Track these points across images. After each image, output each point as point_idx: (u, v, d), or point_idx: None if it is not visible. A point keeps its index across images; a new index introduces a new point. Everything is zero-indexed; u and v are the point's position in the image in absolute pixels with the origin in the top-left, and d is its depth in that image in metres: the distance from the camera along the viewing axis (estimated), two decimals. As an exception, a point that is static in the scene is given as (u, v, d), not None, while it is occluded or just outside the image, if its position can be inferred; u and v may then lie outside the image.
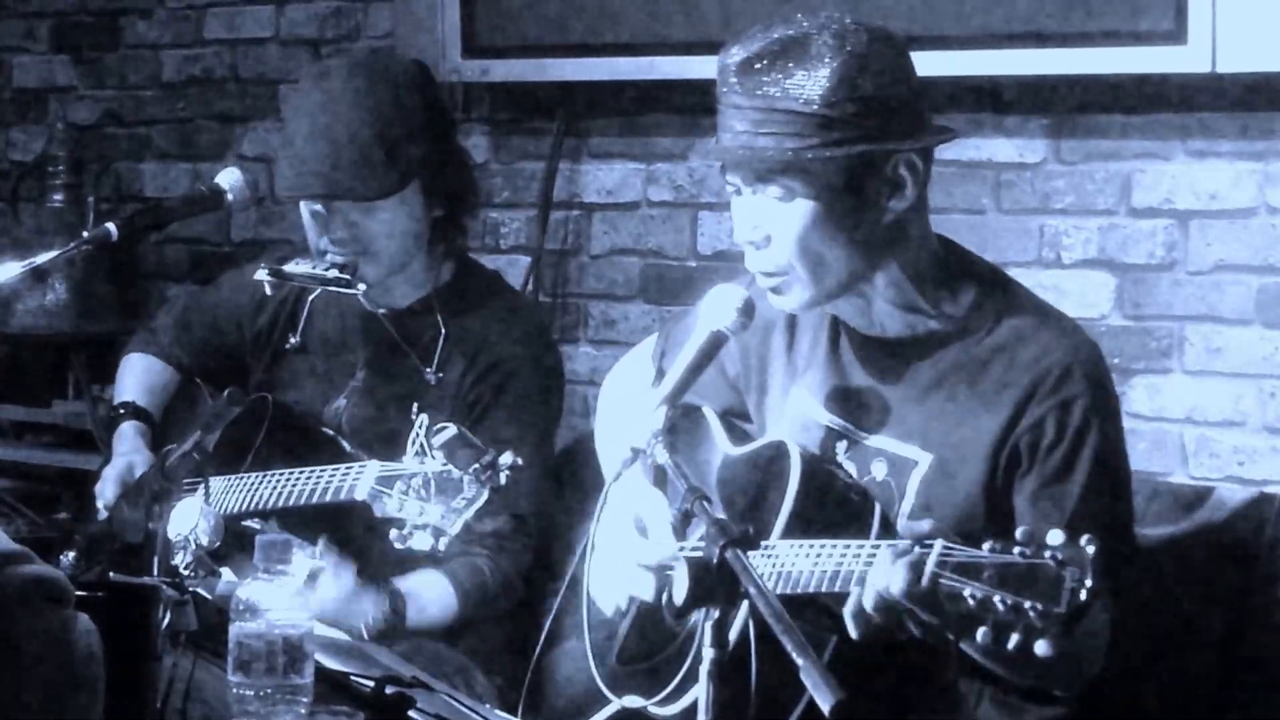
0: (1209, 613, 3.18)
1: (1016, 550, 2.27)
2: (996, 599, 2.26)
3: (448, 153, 3.58)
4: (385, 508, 3.04)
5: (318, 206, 3.49)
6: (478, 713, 2.58)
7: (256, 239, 5.12)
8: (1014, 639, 2.26)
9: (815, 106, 2.68)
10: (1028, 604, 2.24)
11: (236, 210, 3.81)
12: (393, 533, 3.00)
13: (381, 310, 3.62)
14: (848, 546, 2.60)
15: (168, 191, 5.30)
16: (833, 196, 2.72)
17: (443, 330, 3.56)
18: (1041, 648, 2.25)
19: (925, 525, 2.48)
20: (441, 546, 2.98)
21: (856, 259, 2.76)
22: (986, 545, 2.30)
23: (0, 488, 4.67)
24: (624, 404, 3.17)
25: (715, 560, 2.31)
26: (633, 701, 2.87)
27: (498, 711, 2.89)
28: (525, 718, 3.05)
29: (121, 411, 3.80)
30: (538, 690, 3.11)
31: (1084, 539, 2.25)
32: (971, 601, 2.29)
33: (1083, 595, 2.22)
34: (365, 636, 3.25)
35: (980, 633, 2.28)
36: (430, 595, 3.38)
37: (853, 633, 2.52)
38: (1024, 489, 2.73)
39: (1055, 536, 2.25)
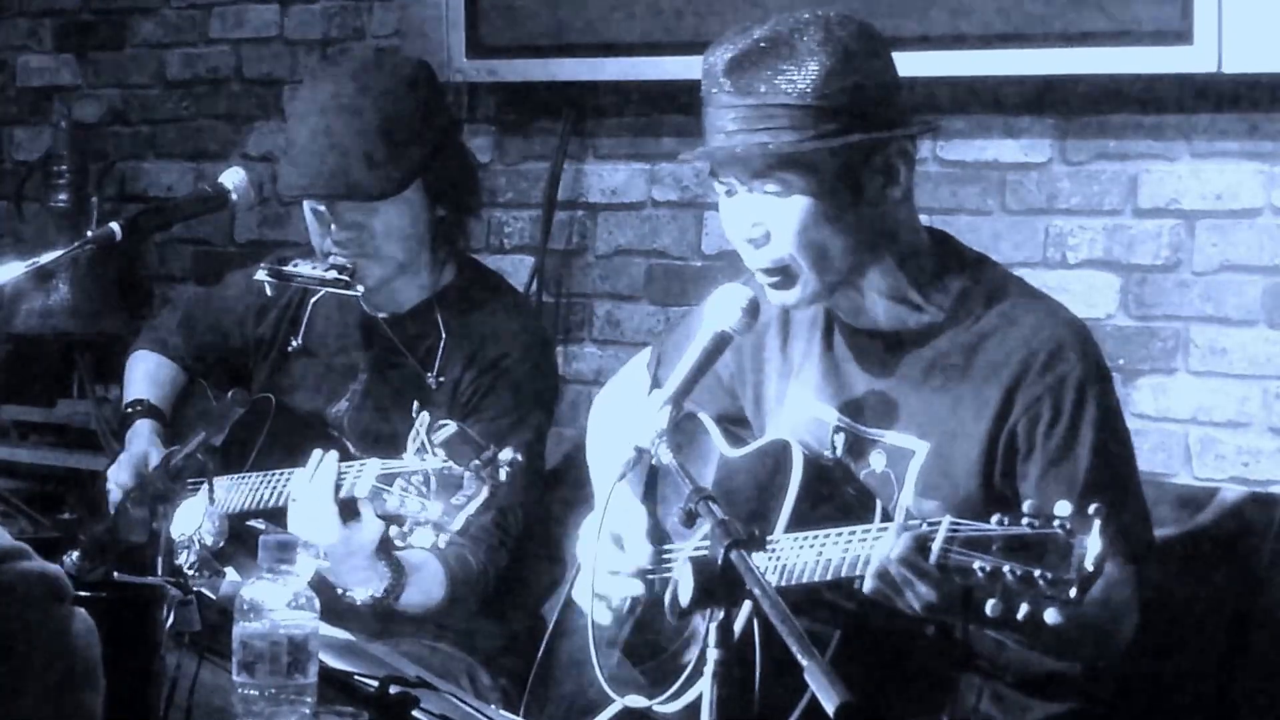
0: (1213, 613, 3.19)
1: (1025, 522, 2.28)
2: (1006, 569, 2.28)
3: (451, 153, 3.58)
4: (386, 505, 3.05)
5: (320, 206, 3.49)
6: (481, 713, 2.58)
7: (260, 239, 5.12)
8: (1024, 608, 2.27)
9: (809, 99, 2.70)
10: (1037, 572, 2.25)
11: (241, 210, 3.81)
12: (393, 530, 3.01)
13: (382, 314, 3.62)
14: (852, 533, 2.60)
15: (172, 191, 5.30)
16: (831, 187, 2.74)
17: (443, 334, 3.55)
18: (1051, 615, 2.26)
19: (933, 505, 2.47)
20: (442, 543, 2.99)
21: (857, 249, 2.78)
22: (994, 518, 2.32)
23: (4, 488, 4.67)
24: (616, 418, 3.17)
25: (720, 561, 2.31)
26: (635, 701, 2.87)
27: (502, 711, 2.89)
28: (528, 718, 3.05)
29: (135, 409, 3.80)
30: (541, 690, 3.11)
31: (1091, 508, 2.25)
32: (981, 574, 2.30)
33: (1090, 562, 2.23)
34: (355, 602, 3.24)
35: (990, 604, 2.29)
36: (425, 576, 3.37)
37: (866, 587, 2.53)
38: (1029, 472, 2.74)
39: (1063, 507, 2.27)
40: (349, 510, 3.21)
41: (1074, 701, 2.86)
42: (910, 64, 2.84)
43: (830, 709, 2.11)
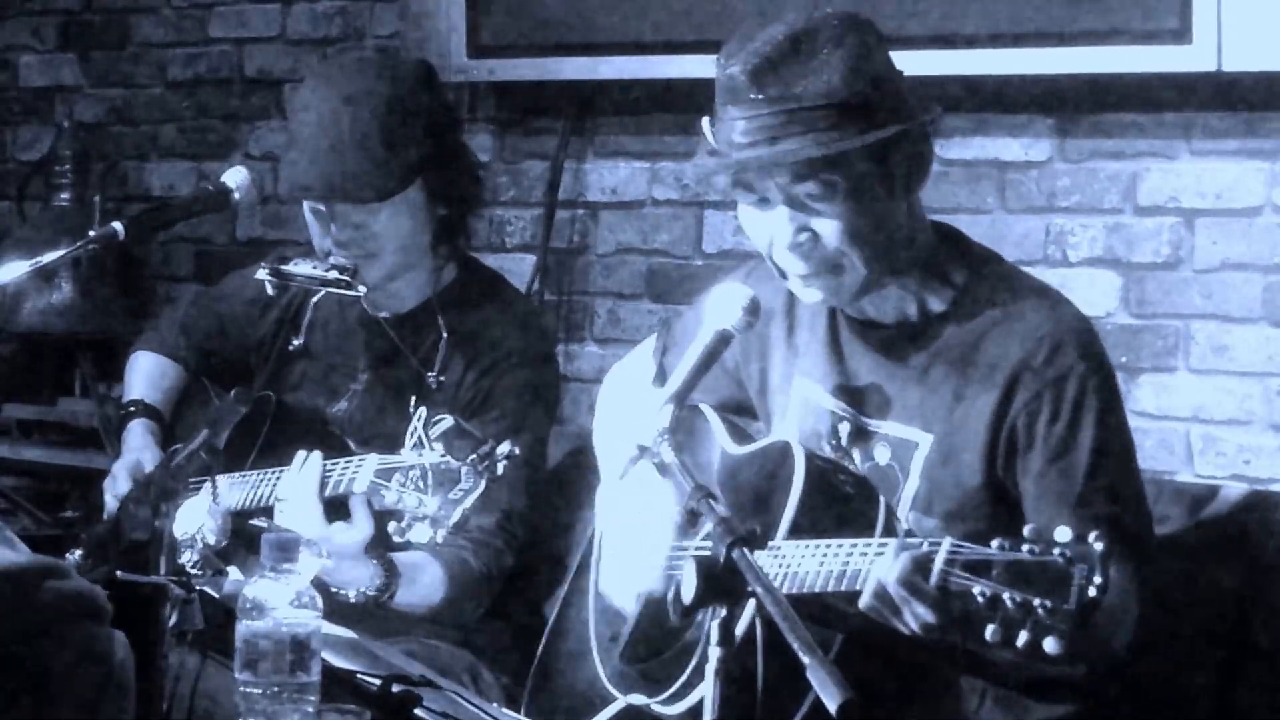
0: (1215, 611, 3.19)
1: (1025, 548, 2.28)
2: (1006, 596, 2.27)
3: (452, 153, 3.58)
4: (384, 500, 3.05)
5: (321, 206, 3.49)
6: (484, 710, 2.58)
7: (262, 239, 5.12)
8: (1023, 636, 2.26)
9: (841, 96, 2.70)
10: (1037, 601, 2.25)
11: (242, 210, 3.81)
12: (391, 525, 3.01)
13: (383, 314, 3.62)
14: (854, 545, 2.60)
15: (174, 191, 5.30)
16: (869, 181, 2.74)
17: (443, 334, 3.55)
18: (1050, 645, 2.26)
19: (933, 523, 2.47)
20: (440, 538, 2.99)
21: (901, 237, 2.79)
22: (995, 543, 2.32)
23: (7, 486, 4.67)
24: (623, 403, 3.18)
25: (722, 559, 2.31)
26: (637, 699, 2.87)
27: (504, 709, 2.90)
28: (529, 715, 3.05)
29: (132, 410, 3.81)
30: (541, 687, 3.12)
31: (1092, 535, 2.25)
32: (980, 599, 2.30)
33: (1091, 592, 2.23)
34: (349, 600, 3.25)
35: (989, 630, 2.28)
36: (422, 576, 3.38)
37: (862, 604, 2.54)
38: (1029, 468, 2.74)
39: (1063, 534, 2.27)
40: (339, 509, 3.22)
41: (1077, 702, 2.86)
42: (911, 62, 2.85)
43: (832, 707, 2.11)
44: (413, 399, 3.51)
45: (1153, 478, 3.49)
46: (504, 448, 2.94)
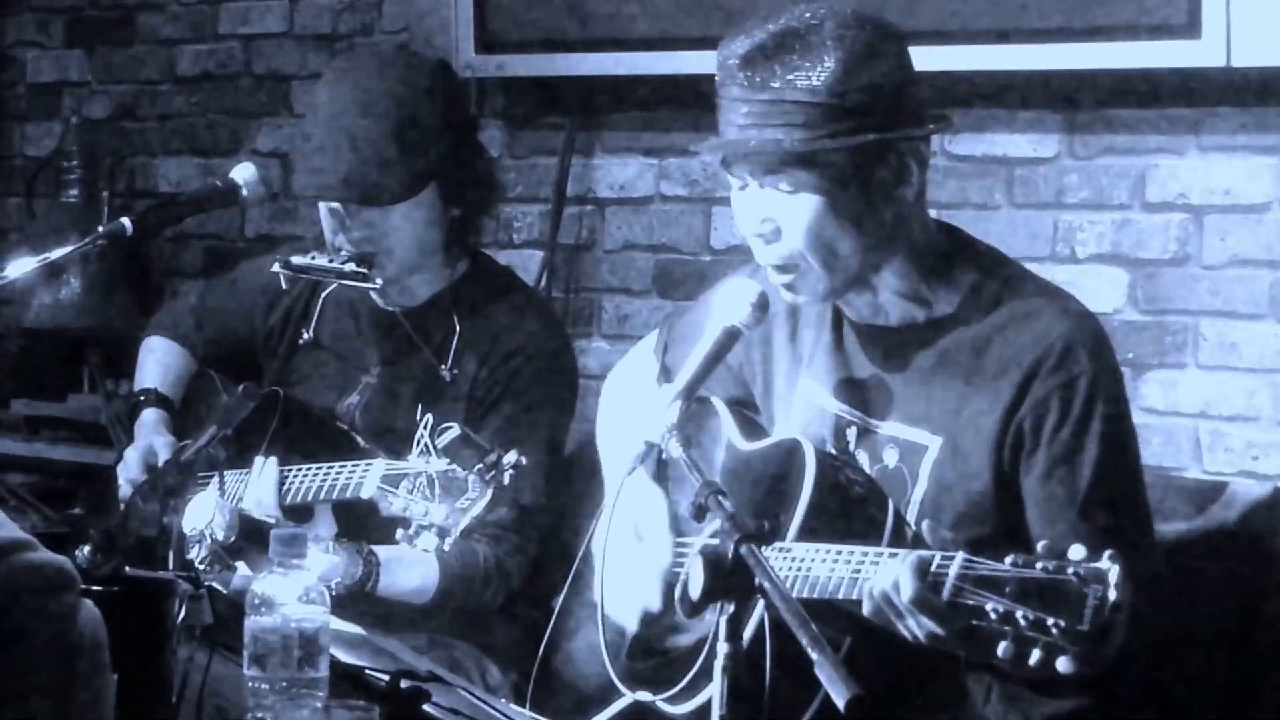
0: (1222, 608, 3.18)
1: (1039, 565, 2.26)
2: (1019, 614, 2.26)
3: (467, 153, 3.57)
4: (391, 507, 3.05)
5: (336, 205, 3.49)
6: (492, 707, 2.59)
7: (270, 235, 5.13)
8: (1036, 655, 2.25)
9: (823, 96, 2.69)
10: (1050, 620, 2.24)
11: (251, 206, 3.82)
12: (399, 532, 3.01)
13: (395, 308, 3.62)
14: (865, 554, 2.60)
15: (182, 187, 5.30)
16: (841, 187, 2.73)
17: (456, 328, 3.56)
18: (1063, 665, 2.25)
19: (947, 534, 2.47)
20: (446, 546, 2.99)
21: (868, 247, 2.77)
22: (1009, 559, 2.30)
23: (15, 482, 4.67)
24: (625, 403, 3.18)
25: (730, 555, 2.31)
26: (644, 696, 2.87)
27: (512, 705, 2.90)
28: (534, 709, 3.05)
29: (143, 399, 3.80)
30: (546, 682, 3.11)
31: (1106, 555, 2.24)
32: (994, 615, 2.29)
33: (1106, 612, 2.22)
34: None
35: (1001, 647, 2.27)
36: (411, 567, 3.37)
37: (866, 610, 2.54)
38: (1032, 470, 2.73)
39: (1077, 551, 2.25)
40: (302, 514, 3.23)
41: (1084, 697, 2.86)
42: (918, 58, 2.84)
43: (840, 702, 2.11)
44: (428, 396, 3.51)
45: (1160, 474, 3.49)
46: (510, 457, 2.94)
